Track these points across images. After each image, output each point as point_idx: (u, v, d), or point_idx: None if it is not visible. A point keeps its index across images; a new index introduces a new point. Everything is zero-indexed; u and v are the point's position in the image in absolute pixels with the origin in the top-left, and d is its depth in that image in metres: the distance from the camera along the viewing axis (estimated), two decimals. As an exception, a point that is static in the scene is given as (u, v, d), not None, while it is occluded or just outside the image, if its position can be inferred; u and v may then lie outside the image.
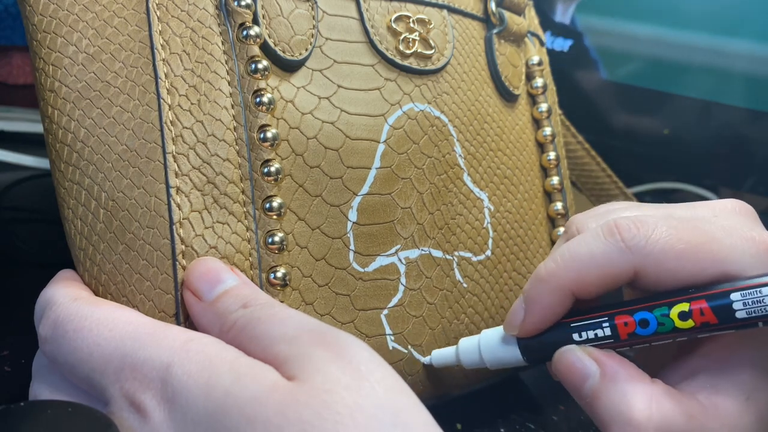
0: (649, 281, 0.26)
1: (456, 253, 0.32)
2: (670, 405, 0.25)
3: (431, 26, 0.33)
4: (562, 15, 0.76)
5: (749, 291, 0.24)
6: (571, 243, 0.27)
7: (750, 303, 0.24)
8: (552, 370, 0.28)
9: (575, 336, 0.27)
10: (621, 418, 0.25)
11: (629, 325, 0.26)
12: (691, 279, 0.25)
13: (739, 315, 0.24)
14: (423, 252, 0.30)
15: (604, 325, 0.26)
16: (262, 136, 0.26)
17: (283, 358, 0.21)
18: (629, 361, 0.26)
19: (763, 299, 0.24)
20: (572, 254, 0.26)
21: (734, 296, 0.24)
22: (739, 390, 0.25)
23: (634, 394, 0.25)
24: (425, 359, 0.30)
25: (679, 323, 0.25)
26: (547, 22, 0.64)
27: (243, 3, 0.27)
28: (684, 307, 0.25)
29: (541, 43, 0.40)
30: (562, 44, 0.66)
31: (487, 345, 0.29)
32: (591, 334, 0.27)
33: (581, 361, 0.26)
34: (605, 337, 0.26)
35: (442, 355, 0.30)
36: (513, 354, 0.28)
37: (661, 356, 0.28)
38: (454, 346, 0.30)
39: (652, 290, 0.26)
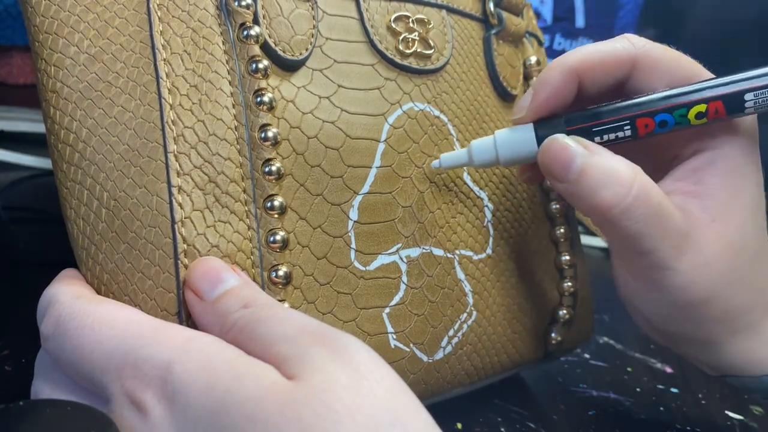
0: (641, 82, 0.29)
1: (457, 252, 0.32)
2: (650, 181, 0.28)
3: (430, 26, 0.33)
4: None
5: (761, 91, 0.27)
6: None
7: (760, 102, 0.27)
8: (539, 160, 0.29)
9: (596, 139, 0.28)
10: (609, 179, 0.27)
11: (649, 126, 0.28)
12: (681, 83, 0.29)
13: (748, 111, 0.27)
14: (424, 250, 0.30)
15: (625, 127, 0.28)
16: (263, 135, 0.26)
17: (282, 358, 0.21)
18: None
19: None
20: (579, 48, 0.29)
21: (747, 96, 0.27)
22: (707, 213, 0.28)
23: (620, 162, 0.27)
24: (434, 163, 0.31)
25: (694, 122, 0.27)
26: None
27: (243, 3, 0.27)
28: (701, 108, 0.27)
29: (540, 44, 0.40)
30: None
31: (503, 140, 0.30)
32: (612, 135, 0.28)
33: (569, 145, 0.28)
34: (624, 137, 0.28)
35: (452, 156, 0.31)
36: (529, 145, 0.29)
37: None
38: (465, 148, 0.31)
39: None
